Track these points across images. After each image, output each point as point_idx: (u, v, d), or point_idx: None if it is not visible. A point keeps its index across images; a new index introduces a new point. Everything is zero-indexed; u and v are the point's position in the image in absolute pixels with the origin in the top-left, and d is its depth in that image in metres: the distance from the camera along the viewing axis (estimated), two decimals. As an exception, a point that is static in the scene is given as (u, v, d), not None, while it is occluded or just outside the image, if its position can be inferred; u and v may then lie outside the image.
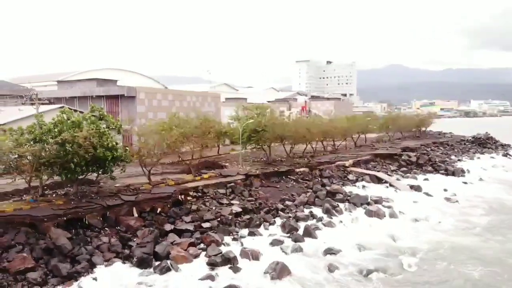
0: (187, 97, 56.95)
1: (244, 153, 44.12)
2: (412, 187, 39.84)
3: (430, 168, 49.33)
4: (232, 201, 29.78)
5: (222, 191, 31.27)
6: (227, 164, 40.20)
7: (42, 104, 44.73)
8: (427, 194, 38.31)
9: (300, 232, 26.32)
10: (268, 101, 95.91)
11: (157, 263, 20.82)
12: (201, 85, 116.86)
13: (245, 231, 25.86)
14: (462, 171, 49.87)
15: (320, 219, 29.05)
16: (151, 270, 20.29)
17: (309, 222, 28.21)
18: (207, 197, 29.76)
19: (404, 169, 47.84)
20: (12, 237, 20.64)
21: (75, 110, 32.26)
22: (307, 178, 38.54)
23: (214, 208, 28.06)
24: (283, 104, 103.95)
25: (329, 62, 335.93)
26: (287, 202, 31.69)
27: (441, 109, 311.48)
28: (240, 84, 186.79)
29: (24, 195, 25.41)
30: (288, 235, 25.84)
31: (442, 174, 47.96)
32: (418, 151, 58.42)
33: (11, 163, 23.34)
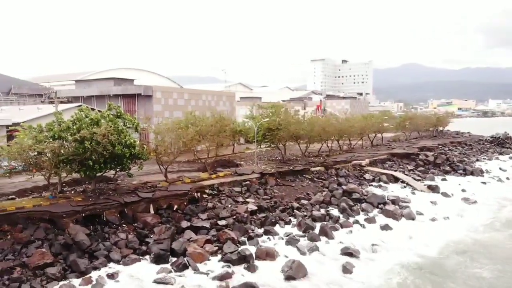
0: (203, 96, 57.18)
1: (259, 151, 44.08)
2: (429, 187, 39.27)
3: (448, 168, 48.61)
4: (248, 199, 29.81)
5: (237, 189, 31.32)
6: (242, 162, 40.24)
7: (61, 102, 45.48)
8: (445, 194, 37.74)
9: (316, 231, 26.17)
10: (283, 100, 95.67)
11: (173, 259, 20.95)
12: (216, 85, 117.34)
13: (260, 229, 25.85)
14: (481, 171, 49.02)
15: (337, 219, 28.83)
16: (168, 266, 20.42)
17: (325, 222, 28.06)
18: (223, 195, 29.85)
19: (422, 168, 47.20)
20: (31, 233, 21.00)
21: (93, 109, 32.68)
22: (322, 177, 38.35)
23: (229, 206, 28.12)
24: (298, 103, 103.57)
25: (344, 61, 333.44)
26: (303, 201, 31.55)
27: (459, 108, 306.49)
28: (255, 84, 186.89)
29: (43, 192, 25.84)
30: (304, 234, 25.72)
31: (460, 174, 47.20)
32: (435, 150, 57.67)
33: (30, 160, 23.69)
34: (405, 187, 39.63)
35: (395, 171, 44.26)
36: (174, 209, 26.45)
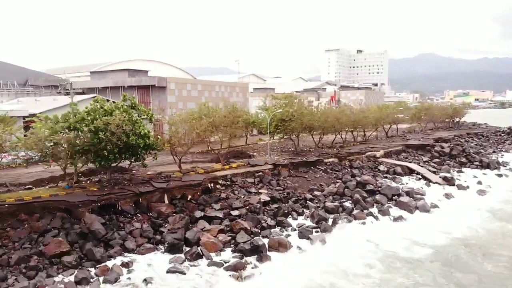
0: (216, 87, 57.23)
1: (272, 143, 44.02)
2: (445, 179, 38.78)
3: (464, 160, 47.86)
4: (260, 190, 29.86)
5: (250, 180, 31.36)
6: (255, 153, 40.26)
7: (77, 94, 45.99)
8: (460, 186, 37.27)
9: (329, 222, 26.16)
10: (297, 91, 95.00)
11: (187, 248, 21.19)
12: (230, 76, 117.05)
13: (273, 220, 25.87)
14: (498, 163, 48.15)
15: (350, 210, 28.77)
16: (182, 255, 20.64)
17: (339, 213, 27.99)
18: (236, 185, 29.94)
19: (437, 160, 46.63)
20: (48, 222, 21.43)
21: (108, 100, 32.96)
22: (336, 169, 38.16)
23: (242, 196, 28.21)
24: (311, 94, 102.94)
25: (359, 51, 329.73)
26: (316, 192, 31.46)
27: (476, 99, 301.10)
28: (268, 75, 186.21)
29: (60, 182, 26.24)
30: (317, 225, 25.70)
31: (477, 166, 46.44)
32: (451, 142, 56.87)
33: (47, 150, 24.07)
34: (420, 179, 39.20)
35: (410, 162, 43.81)
36: (188, 199, 26.66)
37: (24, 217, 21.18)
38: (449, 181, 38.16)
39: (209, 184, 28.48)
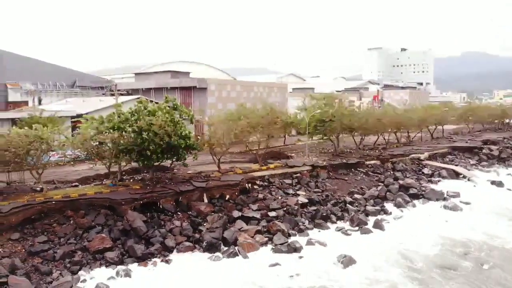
0: (254, 88, 57.44)
1: (311, 144, 43.57)
2: (493, 182, 37.11)
3: (514, 163, 45.60)
4: (298, 192, 29.61)
5: (288, 181, 31.17)
6: (293, 154, 40.01)
7: (121, 95, 47.53)
8: (510, 190, 35.50)
9: (369, 226, 25.61)
10: (337, 91, 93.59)
11: (225, 248, 21.38)
12: (268, 76, 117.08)
13: (311, 223, 25.64)
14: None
15: (391, 214, 28.06)
16: (219, 254, 20.86)
17: (379, 217, 27.34)
18: (273, 186, 29.87)
19: (485, 163, 44.69)
20: (92, 219, 22.24)
21: (151, 101, 33.82)
22: (378, 171, 37.24)
23: (280, 197, 28.11)
24: (353, 93, 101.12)
25: (403, 50, 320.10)
26: (356, 195, 30.83)
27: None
28: (308, 74, 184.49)
29: (104, 180, 27.19)
30: (357, 228, 25.23)
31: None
32: (500, 144, 54.20)
33: (92, 149, 25.01)
34: (466, 182, 37.64)
35: (456, 165, 42.16)
36: (226, 198, 26.87)
37: (70, 213, 22.08)
38: (498, 185, 36.50)
39: (247, 185, 28.60)
